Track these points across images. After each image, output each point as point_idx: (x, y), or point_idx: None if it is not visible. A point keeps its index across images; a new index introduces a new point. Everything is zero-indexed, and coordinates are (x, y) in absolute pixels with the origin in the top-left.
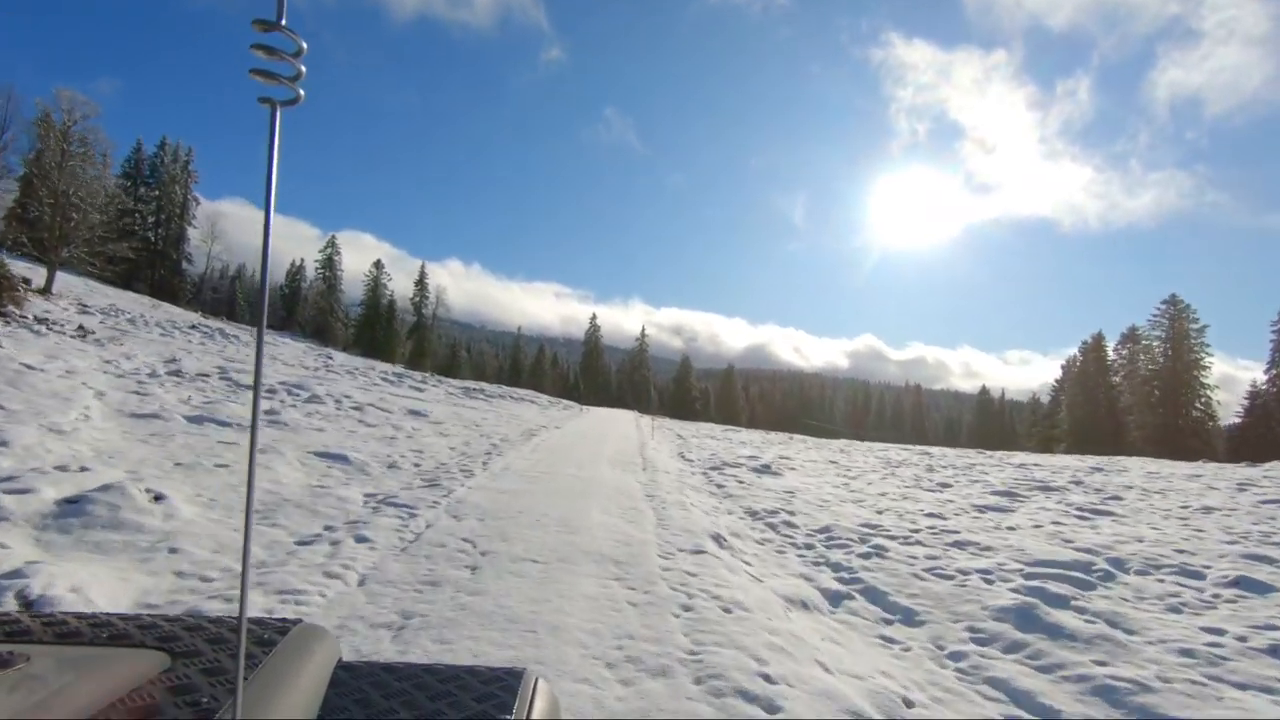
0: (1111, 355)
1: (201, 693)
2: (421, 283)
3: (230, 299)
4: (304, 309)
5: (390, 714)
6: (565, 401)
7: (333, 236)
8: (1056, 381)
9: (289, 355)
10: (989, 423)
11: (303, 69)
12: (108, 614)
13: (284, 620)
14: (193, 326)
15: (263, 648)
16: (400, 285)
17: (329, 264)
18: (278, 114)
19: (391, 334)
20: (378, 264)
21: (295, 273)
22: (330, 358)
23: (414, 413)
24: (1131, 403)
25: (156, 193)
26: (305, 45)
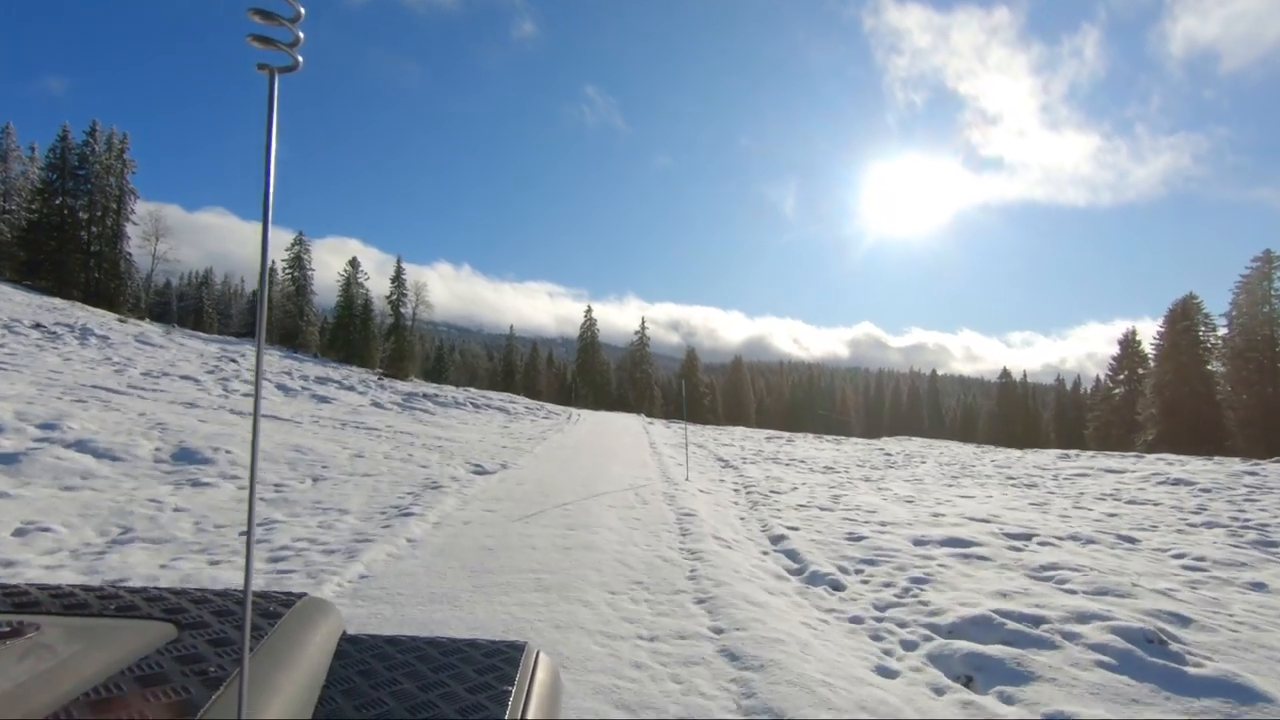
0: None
1: (208, 663)
2: (398, 279)
3: (198, 306)
4: (271, 313)
5: (394, 685)
6: (550, 407)
7: (300, 234)
8: (1115, 359)
9: (179, 356)
10: (1013, 411)
11: (300, 35)
12: (115, 586)
13: (289, 594)
14: (36, 325)
15: (269, 620)
16: (380, 286)
17: (297, 263)
18: (275, 81)
19: (368, 336)
20: (353, 262)
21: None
22: (234, 360)
23: (182, 457)
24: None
25: (88, 186)
26: (303, 10)
